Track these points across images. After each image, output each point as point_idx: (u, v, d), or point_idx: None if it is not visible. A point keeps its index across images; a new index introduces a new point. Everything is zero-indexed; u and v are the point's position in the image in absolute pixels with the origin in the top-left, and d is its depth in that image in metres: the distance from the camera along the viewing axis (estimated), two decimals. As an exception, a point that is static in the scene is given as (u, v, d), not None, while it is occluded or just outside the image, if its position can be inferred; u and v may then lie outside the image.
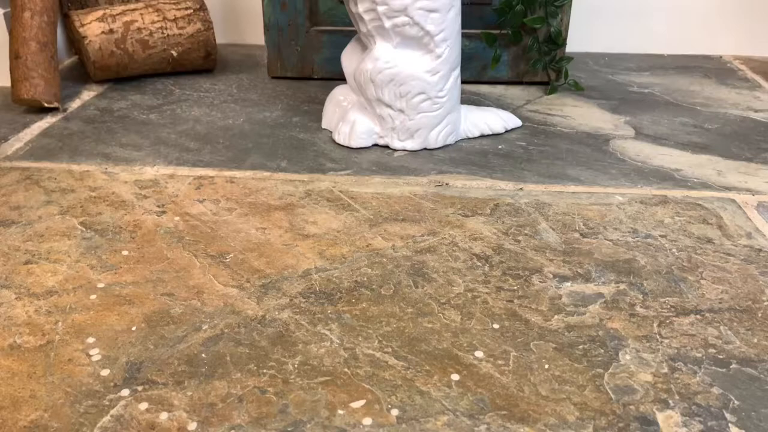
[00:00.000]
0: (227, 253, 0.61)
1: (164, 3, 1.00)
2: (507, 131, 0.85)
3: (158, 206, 0.68)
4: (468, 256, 0.60)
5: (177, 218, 0.66)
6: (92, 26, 0.95)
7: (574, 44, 1.10)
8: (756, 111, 0.91)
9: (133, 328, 0.51)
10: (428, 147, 0.80)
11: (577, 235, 0.63)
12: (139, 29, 0.97)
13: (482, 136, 0.84)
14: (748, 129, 0.85)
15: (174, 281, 0.57)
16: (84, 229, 0.64)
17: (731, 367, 0.48)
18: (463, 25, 0.80)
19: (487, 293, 0.55)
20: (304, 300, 0.54)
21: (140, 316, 0.53)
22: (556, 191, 0.71)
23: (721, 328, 0.51)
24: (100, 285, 0.56)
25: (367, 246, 0.62)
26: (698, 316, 0.53)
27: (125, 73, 1.00)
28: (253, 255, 0.60)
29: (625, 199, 0.69)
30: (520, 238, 0.63)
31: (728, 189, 0.71)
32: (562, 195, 0.70)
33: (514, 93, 0.97)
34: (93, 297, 0.55)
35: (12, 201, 0.69)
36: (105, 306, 0.54)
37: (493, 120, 0.84)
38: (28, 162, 0.77)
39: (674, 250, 0.61)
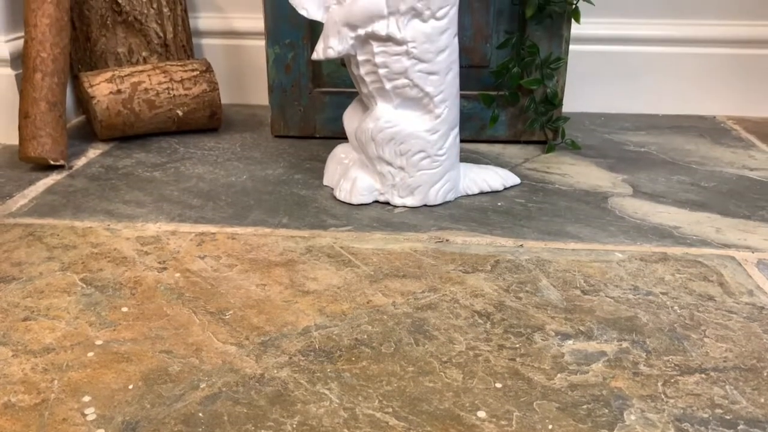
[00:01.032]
0: (227, 309, 0.60)
1: (172, 65, 1.03)
2: (506, 189, 0.86)
3: (159, 262, 0.68)
4: (469, 313, 0.60)
5: (178, 274, 0.66)
6: (101, 87, 0.98)
7: (570, 104, 1.13)
8: (751, 170, 0.92)
9: (130, 387, 0.50)
10: (428, 204, 0.81)
11: (578, 292, 0.63)
12: (146, 90, 1.00)
13: (481, 193, 0.85)
14: (745, 187, 0.86)
15: (173, 338, 0.56)
16: (84, 286, 0.64)
17: (739, 428, 0.47)
18: (462, 87, 0.82)
19: (488, 351, 0.55)
20: (303, 358, 0.54)
21: (137, 374, 0.52)
22: (557, 248, 0.71)
23: (727, 387, 0.51)
24: (98, 342, 0.56)
25: (368, 302, 0.61)
26: (703, 375, 0.52)
27: (131, 132, 1.02)
28: (252, 312, 0.60)
29: (625, 256, 0.70)
30: (521, 295, 0.63)
31: (727, 246, 0.72)
32: (563, 252, 0.70)
33: (512, 151, 0.99)
34: (90, 354, 0.54)
35: (14, 257, 0.69)
36: (102, 363, 0.53)
37: (492, 177, 0.85)
38: (31, 218, 0.78)
39: (676, 307, 0.61)
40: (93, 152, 0.99)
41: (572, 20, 0.94)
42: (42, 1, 0.93)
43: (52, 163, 0.90)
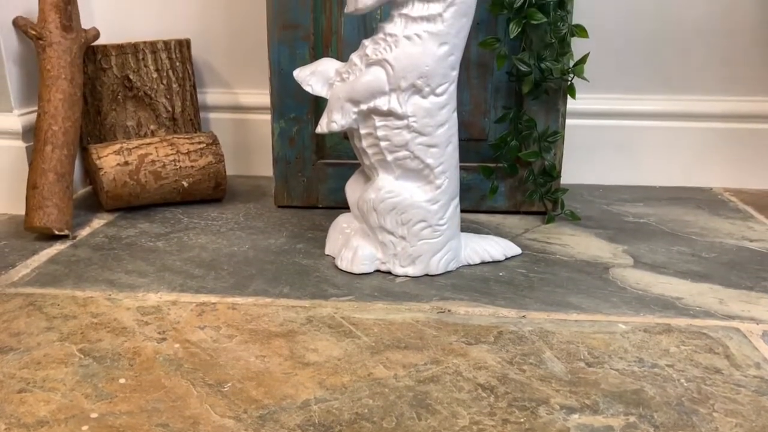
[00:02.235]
0: (225, 381, 0.59)
1: (179, 138, 1.06)
2: (507, 259, 0.86)
3: (159, 333, 0.67)
4: (473, 386, 0.59)
5: (177, 345, 0.65)
6: (108, 158, 1.00)
7: (569, 176, 1.15)
8: (751, 241, 0.93)
9: (124, 463, 0.49)
10: (430, 273, 0.81)
11: (582, 364, 0.62)
12: (153, 161, 1.02)
13: (483, 263, 0.85)
14: (745, 258, 0.87)
15: (170, 411, 0.55)
16: (82, 356, 0.63)
17: (755, 508, 0.45)
18: (461, 159, 0.84)
19: (493, 426, 0.53)
20: (302, 432, 0.52)
21: (132, 449, 0.50)
22: (559, 319, 0.71)
23: (740, 464, 0.49)
24: (94, 415, 0.54)
25: (369, 375, 0.60)
26: (714, 452, 0.50)
27: (136, 203, 1.04)
28: (251, 384, 0.59)
29: (628, 327, 0.69)
30: (525, 367, 0.62)
31: (731, 318, 0.71)
32: (566, 323, 0.70)
33: (513, 222, 1.00)
34: (85, 428, 0.53)
35: (13, 327, 0.69)
36: (96, 438, 0.52)
37: (493, 247, 0.85)
38: (32, 288, 0.78)
39: (682, 380, 0.60)
40: (98, 222, 1.00)
41: (568, 96, 0.97)
42: (56, 78, 0.96)
43: (56, 233, 0.91)
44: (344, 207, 1.02)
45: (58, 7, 0.98)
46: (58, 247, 0.90)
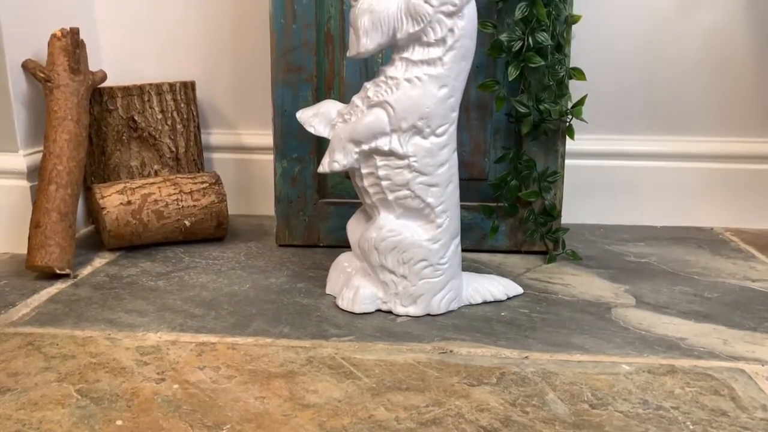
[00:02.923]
0: (224, 423, 0.58)
1: (182, 177, 1.07)
2: (509, 298, 0.86)
3: (158, 373, 0.67)
4: (475, 428, 0.58)
5: (176, 386, 0.64)
6: (112, 198, 1.01)
7: (569, 216, 1.15)
8: (753, 281, 0.92)
9: (119, 507, 0.48)
10: (431, 313, 0.81)
11: (586, 406, 0.61)
12: (155, 201, 1.02)
13: (485, 303, 0.84)
14: (748, 298, 0.86)
15: (166, 454, 0.54)
16: (80, 397, 0.62)
17: None
18: (462, 198, 0.85)
19: (495, 470, 0.52)
20: (302, 476, 0.51)
21: (127, 493, 0.49)
22: (562, 360, 0.70)
23: None
24: (89, 458, 0.53)
25: (370, 417, 0.59)
26: (723, 498, 0.49)
27: (138, 242, 1.04)
28: (250, 426, 0.58)
29: (632, 368, 0.68)
30: (528, 409, 0.61)
31: (736, 359, 0.70)
32: (568, 364, 0.69)
33: (514, 261, 1.00)
34: (80, 471, 0.52)
35: (10, 367, 0.68)
36: (91, 481, 0.51)
37: (495, 287, 0.85)
38: (32, 328, 0.77)
39: (688, 423, 0.59)
40: (99, 261, 1.00)
41: (567, 136, 0.98)
42: (63, 119, 0.98)
43: (57, 272, 0.91)
44: (345, 246, 1.02)
45: (67, 51, 1.00)
46: (58, 286, 0.90)
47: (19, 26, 1.00)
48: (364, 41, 0.75)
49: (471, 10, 0.76)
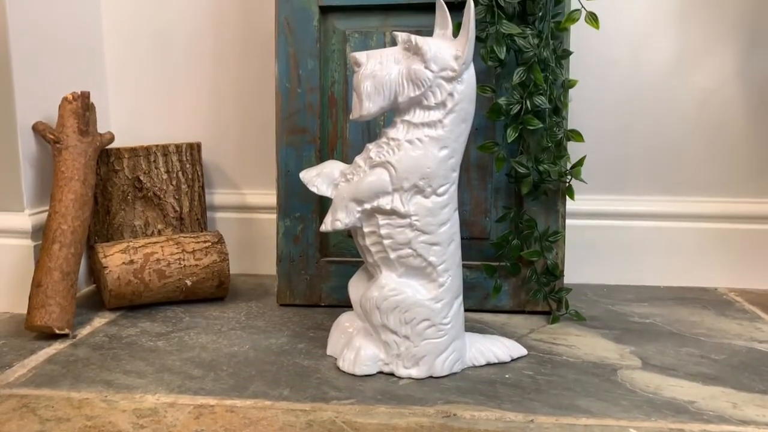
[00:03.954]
0: (221, 490, 0.56)
1: (185, 236, 1.07)
2: (513, 360, 0.84)
3: (154, 437, 0.65)
4: (479, 496, 0.56)
5: (171, 450, 0.63)
6: (114, 257, 1.01)
7: (572, 275, 1.15)
8: (760, 342, 0.91)
9: None
10: (434, 375, 0.79)
11: (594, 472, 0.59)
12: (158, 260, 1.03)
13: (488, 365, 0.83)
14: (756, 360, 0.85)
15: None
16: (72, 462, 0.61)
17: None
18: (464, 257, 0.85)
19: None
20: None
21: None
22: (568, 423, 0.68)
23: None
24: None
25: (371, 483, 0.57)
26: None
27: (138, 301, 1.03)
28: (248, 493, 0.56)
29: (640, 432, 0.66)
30: (533, 475, 0.59)
31: (746, 423, 0.68)
32: (575, 428, 0.67)
33: (518, 321, 0.99)
34: None
35: (4, 430, 0.66)
36: None
37: (499, 348, 0.84)
38: (28, 389, 0.76)
39: (701, 490, 0.57)
40: (99, 321, 0.99)
41: (567, 196, 0.99)
42: (70, 179, 1.00)
43: (57, 331, 0.90)
44: (347, 305, 1.01)
45: (77, 113, 1.03)
46: (57, 347, 0.89)
47: (31, 89, 1.03)
48: (367, 104, 0.77)
49: (470, 75, 0.78)
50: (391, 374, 0.80)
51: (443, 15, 0.80)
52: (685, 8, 1.13)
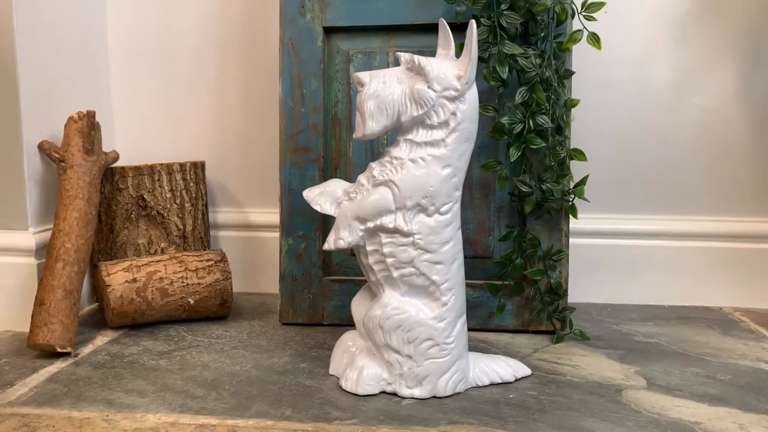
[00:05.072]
0: None
1: (188, 255, 1.07)
2: (517, 380, 0.84)
3: (154, 457, 0.65)
4: None
5: (172, 471, 0.62)
6: (117, 276, 1.01)
7: (576, 294, 1.14)
8: (766, 362, 0.90)
9: None
10: (437, 395, 0.79)
11: (600, 495, 0.58)
12: (160, 278, 1.03)
13: (492, 385, 0.82)
14: (762, 380, 0.84)
15: None
16: (72, 483, 0.60)
17: None
18: (467, 276, 0.85)
19: None
20: None
21: None
22: (573, 445, 0.68)
23: None
24: None
25: (373, 505, 0.57)
26: None
27: (141, 320, 1.03)
28: None
29: (646, 454, 0.66)
30: (538, 498, 0.58)
31: (755, 444, 0.68)
32: (580, 449, 0.67)
33: (522, 341, 0.98)
34: None
35: (3, 450, 0.66)
36: None
37: (503, 368, 0.83)
38: (29, 408, 0.76)
39: None
40: (101, 339, 0.99)
41: (570, 215, 0.99)
42: (74, 197, 1.00)
43: (59, 350, 0.90)
44: (350, 324, 1.01)
45: (82, 132, 1.03)
46: (59, 365, 0.89)
47: (37, 108, 1.04)
48: (370, 124, 0.78)
49: (472, 95, 0.78)
50: (394, 394, 0.79)
51: (446, 35, 0.80)
52: (686, 29, 1.14)
